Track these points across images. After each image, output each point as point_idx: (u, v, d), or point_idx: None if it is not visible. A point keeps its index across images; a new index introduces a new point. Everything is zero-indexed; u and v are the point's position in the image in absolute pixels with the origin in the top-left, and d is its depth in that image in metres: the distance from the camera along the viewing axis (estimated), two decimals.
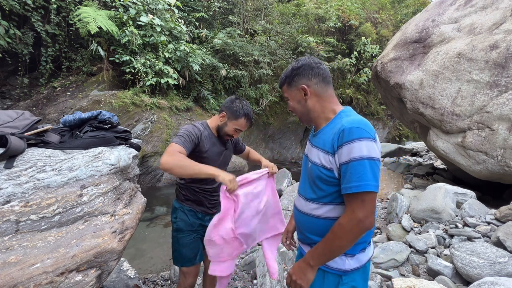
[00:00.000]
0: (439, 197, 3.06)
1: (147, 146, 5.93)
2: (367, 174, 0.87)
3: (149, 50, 6.53)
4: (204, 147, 1.61)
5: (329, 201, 1.01)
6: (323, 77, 1.06)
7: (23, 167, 1.22)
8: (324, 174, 0.99)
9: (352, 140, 0.90)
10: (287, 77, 1.10)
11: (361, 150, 0.88)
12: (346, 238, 0.91)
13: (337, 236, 0.92)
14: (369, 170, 0.88)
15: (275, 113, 10.15)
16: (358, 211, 0.89)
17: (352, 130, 0.91)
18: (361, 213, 0.88)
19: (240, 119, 1.61)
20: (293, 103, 1.11)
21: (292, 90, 1.09)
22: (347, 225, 0.90)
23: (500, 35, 3.33)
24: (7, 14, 4.90)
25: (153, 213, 4.58)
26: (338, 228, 0.93)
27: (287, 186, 5.03)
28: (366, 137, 0.90)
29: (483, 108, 3.25)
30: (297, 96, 1.08)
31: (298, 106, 1.10)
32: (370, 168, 0.88)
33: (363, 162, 0.88)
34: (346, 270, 1.00)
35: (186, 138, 1.50)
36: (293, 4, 11.60)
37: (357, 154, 0.88)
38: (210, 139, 1.66)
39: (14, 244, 1.06)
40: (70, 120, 1.63)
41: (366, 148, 0.89)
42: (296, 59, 1.12)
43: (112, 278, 2.24)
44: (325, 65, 1.09)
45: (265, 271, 2.19)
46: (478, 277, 1.97)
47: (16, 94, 5.69)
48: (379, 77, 4.67)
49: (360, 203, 0.89)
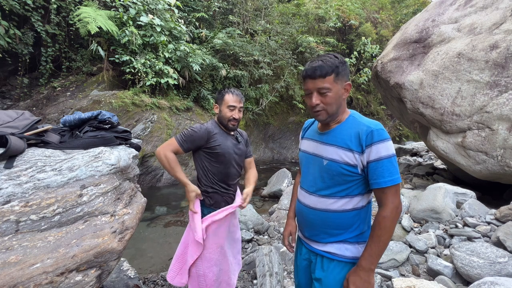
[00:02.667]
0: (439, 197, 3.06)
1: (147, 146, 5.93)
2: (396, 169, 1.02)
3: (149, 50, 6.53)
4: (216, 142, 1.67)
5: (345, 194, 1.10)
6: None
7: (23, 167, 1.22)
8: (346, 170, 1.07)
9: (381, 141, 1.02)
10: (336, 67, 1.03)
11: (388, 149, 1.02)
12: (393, 227, 1.02)
13: (386, 229, 1.01)
14: (396, 166, 1.03)
15: (275, 113, 10.15)
16: (395, 201, 1.01)
17: (379, 132, 1.03)
18: (397, 201, 1.02)
19: (225, 96, 1.72)
20: (334, 96, 1.05)
21: (337, 83, 1.05)
22: (391, 215, 1.01)
23: (500, 35, 3.33)
24: (7, 14, 4.90)
25: (153, 213, 4.58)
26: (384, 221, 1.01)
27: (287, 186, 5.03)
28: (389, 138, 1.04)
29: (483, 108, 3.25)
30: (339, 91, 1.06)
31: (335, 100, 1.06)
32: (396, 164, 1.03)
33: (392, 160, 1.02)
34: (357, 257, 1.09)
35: (188, 137, 1.62)
36: (293, 4, 11.60)
37: (386, 153, 1.02)
38: (222, 134, 1.73)
39: (14, 244, 1.06)
40: (70, 120, 1.63)
41: (391, 148, 1.03)
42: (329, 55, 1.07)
43: (112, 278, 2.24)
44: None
45: (265, 271, 2.19)
46: (478, 277, 1.97)
47: (16, 94, 5.69)
48: (379, 77, 4.67)
49: (395, 193, 1.02)
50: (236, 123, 1.74)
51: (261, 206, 4.97)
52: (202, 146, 1.65)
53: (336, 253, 1.12)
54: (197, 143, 1.63)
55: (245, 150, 1.88)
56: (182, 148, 1.61)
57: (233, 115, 1.69)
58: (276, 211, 4.01)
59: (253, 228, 3.44)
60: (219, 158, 1.68)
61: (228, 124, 1.72)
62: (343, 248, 1.11)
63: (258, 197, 5.43)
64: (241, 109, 1.74)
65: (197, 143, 1.63)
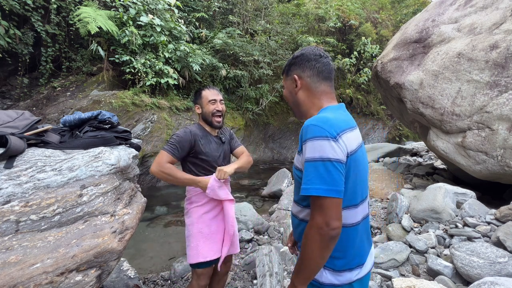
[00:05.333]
0: (439, 197, 3.06)
1: (147, 146, 5.93)
2: (319, 177, 0.80)
3: (149, 50, 6.53)
4: (201, 146, 1.66)
5: (306, 204, 0.95)
6: (319, 71, 0.98)
7: (23, 167, 1.22)
8: (297, 176, 0.95)
9: (309, 139, 0.84)
10: (286, 65, 1.06)
11: (313, 151, 0.82)
12: (312, 248, 0.82)
13: (304, 248, 0.85)
14: (321, 172, 0.80)
15: (275, 113, 10.15)
16: (316, 217, 0.81)
17: (308, 128, 0.85)
18: (319, 218, 0.80)
19: (202, 93, 1.74)
20: (286, 92, 1.08)
21: (287, 79, 1.05)
22: (308, 233, 0.84)
23: (500, 35, 3.33)
24: (7, 14, 4.90)
25: (153, 213, 4.58)
26: (303, 237, 0.86)
27: (287, 186, 5.03)
28: (320, 136, 0.82)
29: (483, 108, 3.25)
30: (290, 86, 1.04)
31: (289, 97, 1.06)
32: (323, 170, 0.80)
33: (316, 164, 0.81)
34: (323, 282, 0.92)
35: (176, 145, 1.60)
36: (293, 4, 11.60)
37: (310, 154, 0.83)
38: (205, 137, 1.72)
39: (14, 244, 1.06)
40: (70, 120, 1.63)
41: (319, 149, 0.81)
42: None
43: (112, 278, 2.24)
44: (327, 59, 1.00)
45: (265, 271, 2.19)
46: (478, 277, 1.97)
47: (16, 94, 5.69)
48: (379, 77, 4.67)
49: (318, 208, 0.81)
50: (220, 118, 1.75)
51: (261, 206, 4.98)
52: (190, 151, 1.65)
53: None
54: (186, 147, 1.62)
55: (229, 148, 1.89)
56: (174, 156, 1.58)
57: (216, 108, 1.71)
58: (276, 211, 4.01)
59: (253, 228, 3.44)
60: (204, 162, 1.68)
61: (213, 121, 1.72)
62: None
63: (258, 197, 5.44)
64: (222, 102, 1.76)
65: (186, 148, 1.63)
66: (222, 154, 1.78)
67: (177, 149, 1.59)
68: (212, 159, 1.70)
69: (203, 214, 1.68)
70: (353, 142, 0.89)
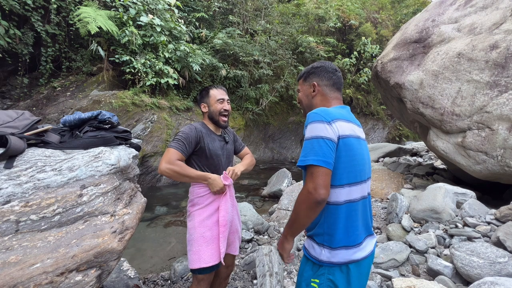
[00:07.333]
0: (439, 197, 3.06)
1: (147, 146, 5.93)
2: (312, 151, 0.98)
3: (149, 50, 6.53)
4: (205, 143, 1.66)
5: None
6: (334, 83, 1.20)
7: (23, 167, 1.22)
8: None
9: (307, 124, 1.04)
10: (305, 72, 1.25)
11: (311, 131, 1.01)
12: (301, 208, 1.00)
13: (295, 206, 1.02)
14: (314, 146, 0.98)
15: (275, 113, 10.15)
16: (308, 183, 0.97)
17: (310, 115, 1.05)
18: (310, 184, 0.96)
19: (210, 92, 1.75)
20: (302, 95, 1.27)
21: (305, 85, 1.25)
22: (300, 196, 1.00)
23: (500, 35, 3.33)
24: (7, 14, 4.90)
25: (153, 213, 4.58)
26: (297, 199, 1.03)
27: (287, 186, 5.03)
28: (318, 120, 1.02)
29: (483, 108, 3.25)
30: (307, 91, 1.24)
31: (305, 99, 1.26)
32: (316, 145, 0.98)
33: (311, 141, 1.00)
34: (322, 260, 1.05)
35: (183, 141, 1.58)
36: (293, 4, 11.60)
37: (308, 134, 1.02)
38: (209, 135, 1.72)
39: (14, 244, 1.06)
40: (70, 120, 1.62)
41: (315, 130, 1.00)
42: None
43: (112, 278, 2.24)
44: (340, 74, 1.23)
45: (265, 271, 2.19)
46: (478, 277, 1.97)
47: (16, 94, 5.69)
48: (379, 77, 4.67)
49: (310, 175, 0.98)
50: (227, 117, 1.76)
51: (261, 206, 4.98)
52: (195, 147, 1.63)
53: (306, 248, 1.14)
54: (193, 144, 1.61)
55: (233, 148, 1.89)
56: (183, 153, 1.55)
57: (224, 107, 1.73)
58: (276, 211, 4.01)
59: (253, 228, 3.44)
60: (208, 160, 1.66)
61: (220, 120, 1.72)
62: (310, 245, 1.11)
63: (258, 197, 5.44)
64: (228, 102, 1.78)
65: (193, 144, 1.61)
66: (225, 153, 1.77)
67: (184, 146, 1.56)
68: (215, 157, 1.69)
69: (205, 218, 1.65)
70: (346, 129, 1.04)
